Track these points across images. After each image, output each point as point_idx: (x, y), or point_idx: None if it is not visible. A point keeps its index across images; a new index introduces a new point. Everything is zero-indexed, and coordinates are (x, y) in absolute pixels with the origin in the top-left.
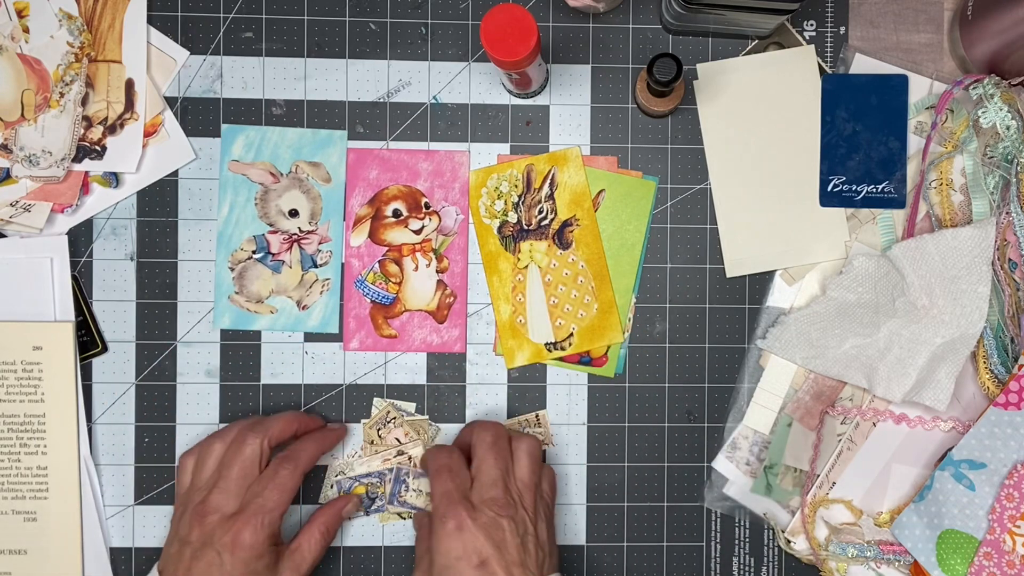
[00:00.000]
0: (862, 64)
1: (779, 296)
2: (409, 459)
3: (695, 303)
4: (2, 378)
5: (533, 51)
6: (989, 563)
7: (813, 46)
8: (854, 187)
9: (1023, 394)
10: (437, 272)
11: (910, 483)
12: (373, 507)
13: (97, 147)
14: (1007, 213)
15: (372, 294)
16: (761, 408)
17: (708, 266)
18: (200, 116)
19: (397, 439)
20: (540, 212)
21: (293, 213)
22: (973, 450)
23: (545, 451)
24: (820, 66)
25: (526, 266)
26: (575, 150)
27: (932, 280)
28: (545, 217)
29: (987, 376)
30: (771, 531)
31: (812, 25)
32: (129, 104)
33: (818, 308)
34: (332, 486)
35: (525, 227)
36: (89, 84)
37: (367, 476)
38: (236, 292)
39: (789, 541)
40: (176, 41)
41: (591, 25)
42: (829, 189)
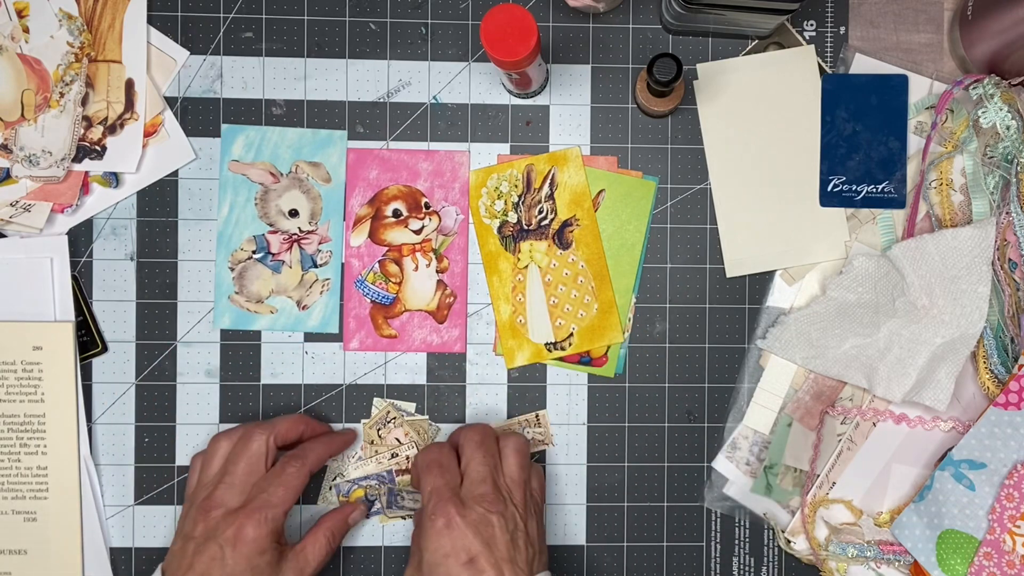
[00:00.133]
0: (862, 64)
1: (779, 296)
2: (407, 459)
3: (695, 303)
4: (2, 378)
5: (533, 51)
6: (989, 563)
7: (813, 46)
8: (854, 187)
9: (1023, 394)
10: (437, 272)
11: (910, 483)
12: (373, 510)
13: (97, 147)
14: (1007, 213)
15: (372, 294)
16: (761, 408)
17: (708, 266)
18: (200, 116)
19: (397, 439)
20: (540, 212)
21: (293, 213)
22: (973, 450)
23: (544, 451)
24: (820, 66)
25: (526, 266)
26: (575, 150)
27: (932, 280)
28: (545, 217)
29: (987, 376)
30: (771, 531)
31: (812, 25)
32: (129, 104)
33: (818, 308)
34: (331, 488)
35: (525, 227)
36: (89, 84)
37: (365, 479)
38: (236, 292)
39: (789, 541)
40: (176, 41)
41: (591, 25)
42: (829, 189)
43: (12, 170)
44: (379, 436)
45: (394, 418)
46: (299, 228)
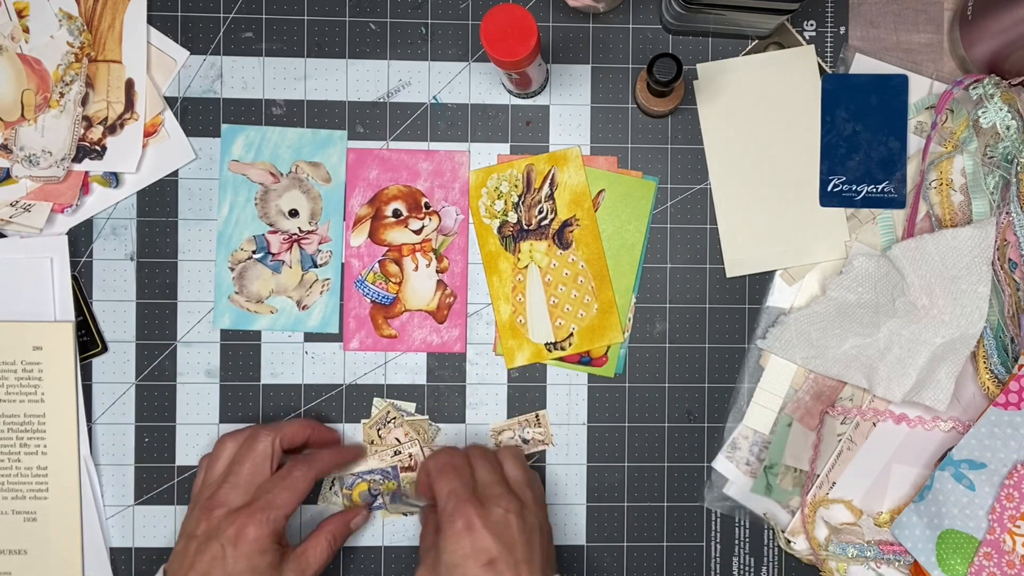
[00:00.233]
0: (862, 64)
1: (779, 296)
2: (410, 456)
3: (695, 303)
4: (2, 378)
5: (533, 51)
6: (989, 563)
7: (813, 46)
8: (854, 187)
9: (1023, 394)
10: (437, 272)
11: (910, 483)
12: (376, 503)
13: (97, 147)
14: (1007, 213)
15: (372, 294)
16: (761, 408)
17: (708, 266)
18: (200, 116)
19: (397, 439)
20: (540, 212)
21: (293, 213)
22: (973, 450)
23: (544, 451)
24: (820, 66)
25: (526, 266)
26: (575, 150)
27: (932, 280)
28: (545, 217)
29: (987, 376)
30: (771, 531)
31: (812, 25)
32: (129, 104)
33: (818, 308)
34: (331, 485)
35: (525, 227)
36: (89, 84)
37: (369, 473)
38: (236, 292)
39: (789, 541)
40: (176, 41)
41: (591, 25)
42: (829, 189)
43: (12, 170)
44: (379, 436)
45: (394, 418)
46: (299, 228)
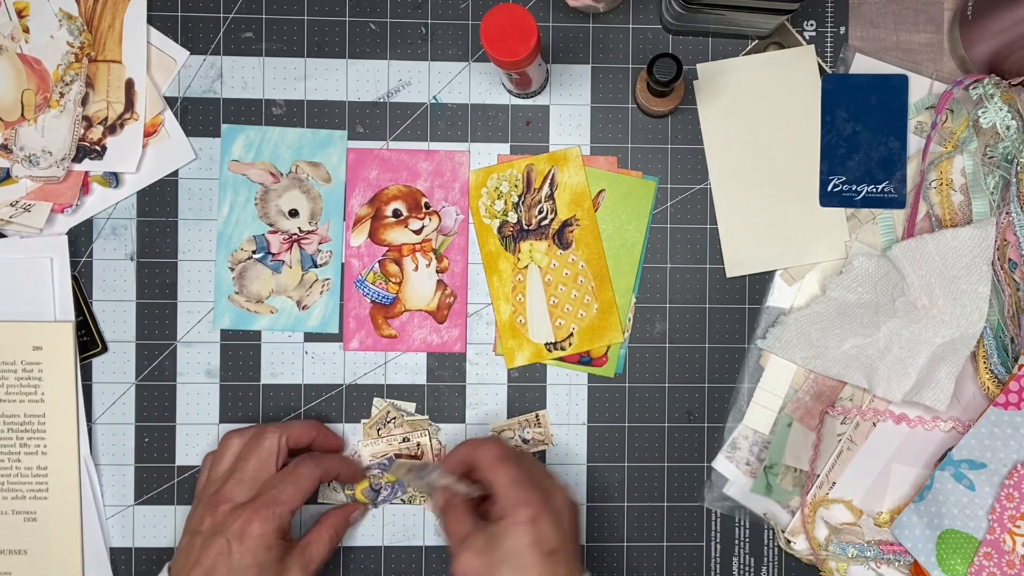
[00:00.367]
0: (862, 64)
1: (779, 296)
2: (418, 445)
3: (695, 303)
4: (2, 378)
5: (533, 51)
6: (989, 563)
7: (813, 46)
8: (854, 187)
9: (1023, 394)
10: (437, 272)
11: (910, 483)
12: (380, 499)
13: (97, 147)
14: (1007, 213)
15: (372, 294)
16: (761, 408)
17: (708, 266)
18: (200, 116)
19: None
20: (540, 212)
21: (293, 213)
22: (973, 450)
23: (544, 451)
24: (820, 66)
25: (526, 266)
26: (575, 150)
27: (932, 280)
28: (545, 217)
29: (987, 376)
30: (771, 531)
31: (812, 25)
32: (129, 104)
33: (818, 308)
34: (330, 482)
35: (525, 227)
36: (89, 84)
37: (369, 469)
38: (236, 292)
39: (789, 541)
40: (176, 41)
41: (591, 25)
42: (829, 189)
43: (12, 170)
44: (379, 436)
45: (394, 418)
46: (299, 228)
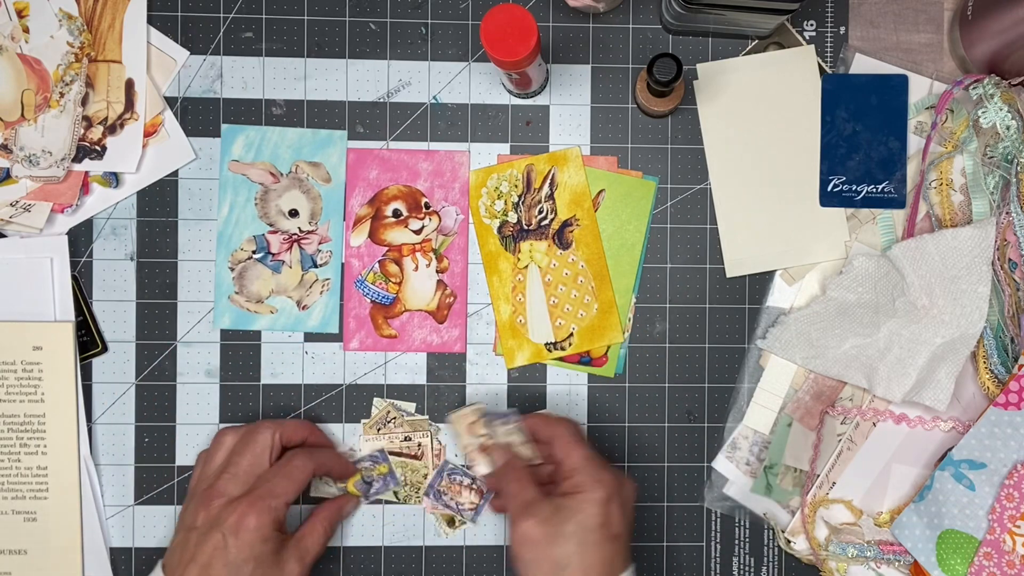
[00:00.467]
0: (862, 64)
1: (779, 296)
2: (419, 445)
3: (695, 303)
4: (2, 378)
5: (533, 51)
6: (989, 563)
7: (813, 46)
8: (854, 187)
9: (1023, 394)
10: (437, 272)
11: (910, 483)
12: (371, 491)
13: (97, 147)
14: (1007, 213)
15: (372, 294)
16: (761, 408)
17: (708, 266)
18: (200, 116)
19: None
20: (540, 212)
21: (293, 213)
22: (973, 450)
23: None
24: (820, 66)
25: (526, 266)
26: (575, 150)
27: (932, 280)
28: (545, 217)
29: (987, 376)
30: (771, 531)
31: (812, 25)
32: (129, 104)
33: (818, 308)
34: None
35: (525, 227)
36: (89, 84)
37: (360, 462)
38: (236, 292)
39: (789, 541)
40: (176, 41)
41: (591, 25)
42: (829, 189)
43: (12, 170)
44: (379, 434)
45: (394, 418)
46: (299, 228)
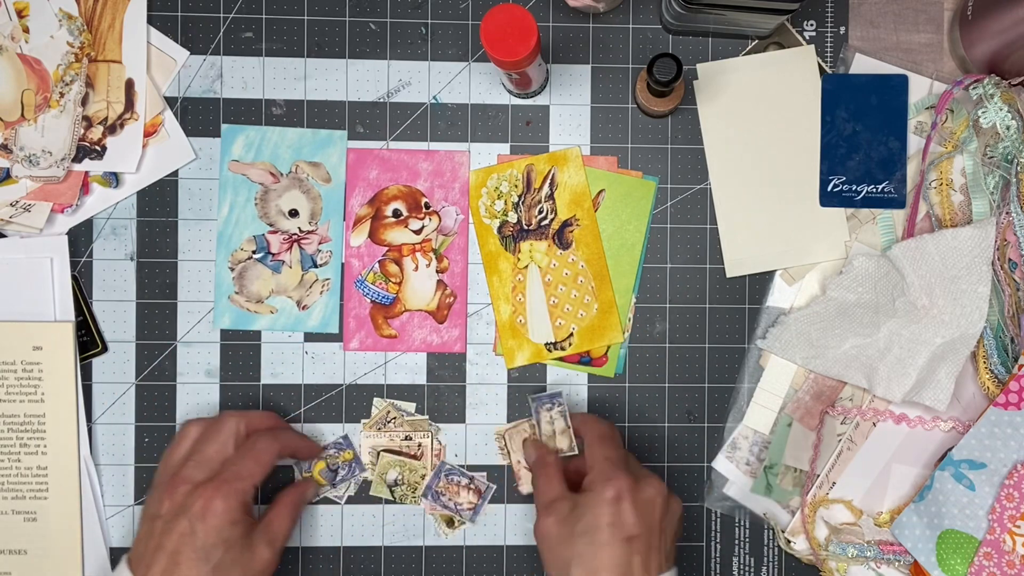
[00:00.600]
0: (862, 64)
1: (779, 296)
2: (419, 446)
3: (695, 303)
4: (2, 378)
5: (533, 51)
6: (989, 563)
7: (813, 46)
8: (854, 187)
9: (1023, 394)
10: (437, 272)
11: (910, 483)
12: (338, 479)
13: (97, 147)
14: (1007, 213)
15: (372, 294)
16: (761, 408)
17: (708, 266)
18: (200, 116)
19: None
20: (540, 212)
21: (293, 213)
22: (973, 450)
23: None
24: (820, 66)
25: (526, 266)
26: (575, 150)
27: (932, 280)
28: (545, 217)
29: (987, 376)
30: (771, 531)
31: (812, 25)
32: (129, 104)
33: (818, 308)
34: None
35: (525, 227)
36: (89, 84)
37: (323, 450)
38: (236, 292)
39: (789, 541)
40: (176, 41)
41: (591, 25)
42: (829, 189)
43: (12, 170)
44: (379, 433)
45: (394, 418)
46: (299, 228)
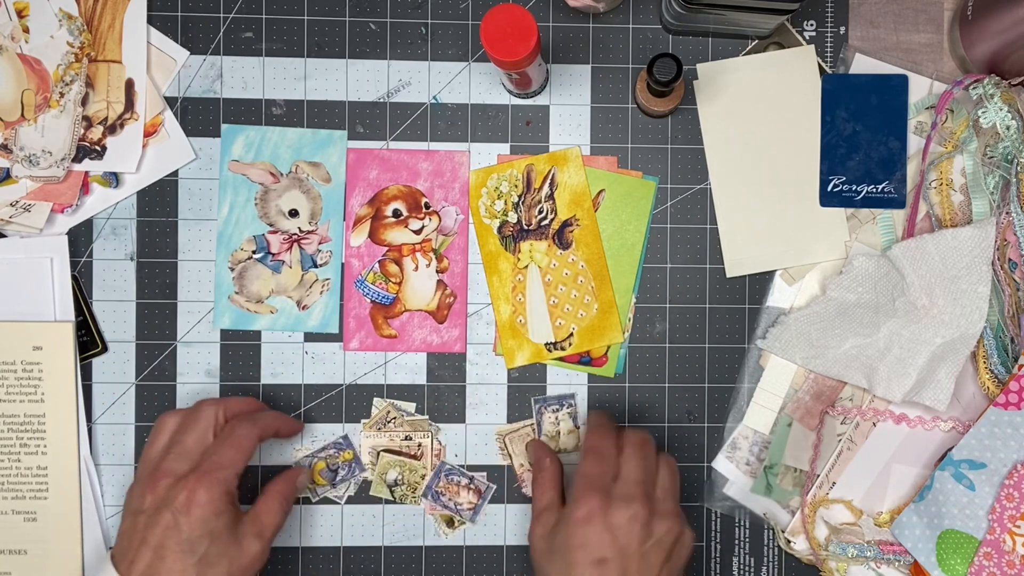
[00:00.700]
0: (862, 64)
1: (779, 296)
2: (419, 446)
3: (695, 303)
4: (2, 378)
5: (533, 51)
6: (989, 563)
7: (813, 46)
8: (854, 187)
9: (1023, 394)
10: (437, 272)
11: (910, 483)
12: (337, 479)
13: (97, 147)
14: (1007, 213)
15: (372, 294)
16: (761, 408)
17: (708, 266)
18: (200, 116)
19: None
20: (540, 212)
21: (293, 213)
22: (973, 450)
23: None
24: (820, 66)
25: (526, 266)
26: (575, 150)
27: (932, 280)
28: (545, 217)
29: (987, 376)
30: (771, 531)
31: (812, 25)
32: (129, 104)
33: (818, 308)
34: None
35: (525, 227)
36: (89, 84)
37: (323, 450)
38: (236, 292)
39: (789, 541)
40: (176, 41)
41: (591, 25)
42: (829, 189)
43: (12, 170)
44: (379, 432)
45: (394, 418)
46: (299, 228)
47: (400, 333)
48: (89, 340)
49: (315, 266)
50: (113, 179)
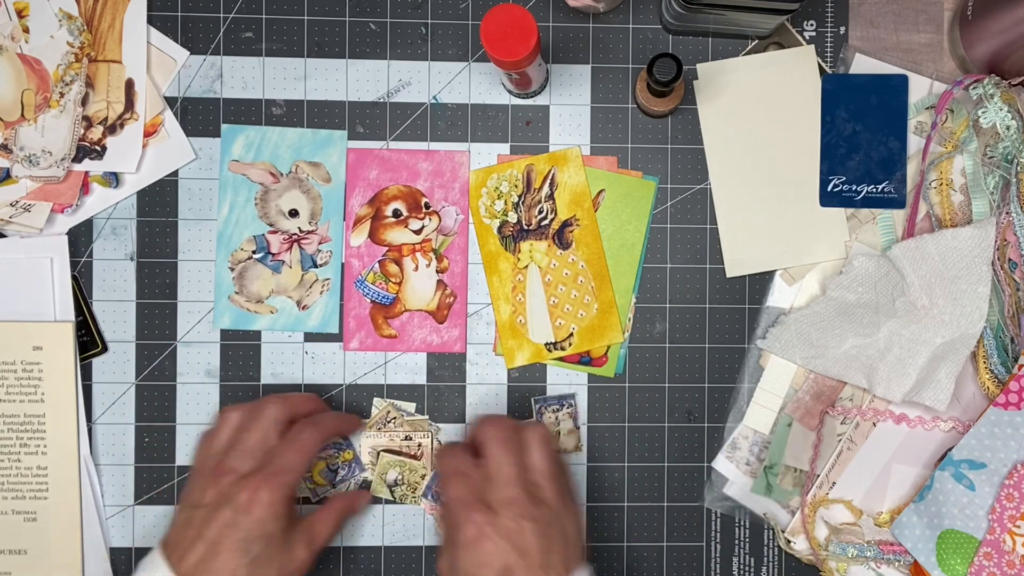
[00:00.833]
0: (862, 64)
1: (779, 296)
2: (419, 446)
3: (695, 303)
4: (2, 378)
5: (533, 51)
6: (989, 563)
7: (813, 46)
8: (854, 187)
9: (1023, 394)
10: (437, 272)
11: (910, 483)
12: (338, 479)
13: (97, 147)
14: (1007, 213)
15: (372, 294)
16: (761, 408)
17: (708, 266)
18: (200, 116)
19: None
20: (540, 212)
21: (293, 213)
22: (973, 450)
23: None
24: (820, 66)
25: (526, 266)
26: (575, 150)
27: (932, 280)
28: (545, 217)
29: (987, 376)
30: (771, 531)
31: (812, 25)
32: (129, 104)
33: (818, 308)
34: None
35: (525, 227)
36: (89, 84)
37: (323, 450)
38: (236, 292)
39: (789, 541)
40: (176, 41)
41: (591, 25)
42: (829, 189)
43: (12, 170)
44: (380, 432)
45: (394, 418)
46: (299, 228)
47: (400, 333)
48: (89, 340)
49: (315, 266)
50: (113, 179)
